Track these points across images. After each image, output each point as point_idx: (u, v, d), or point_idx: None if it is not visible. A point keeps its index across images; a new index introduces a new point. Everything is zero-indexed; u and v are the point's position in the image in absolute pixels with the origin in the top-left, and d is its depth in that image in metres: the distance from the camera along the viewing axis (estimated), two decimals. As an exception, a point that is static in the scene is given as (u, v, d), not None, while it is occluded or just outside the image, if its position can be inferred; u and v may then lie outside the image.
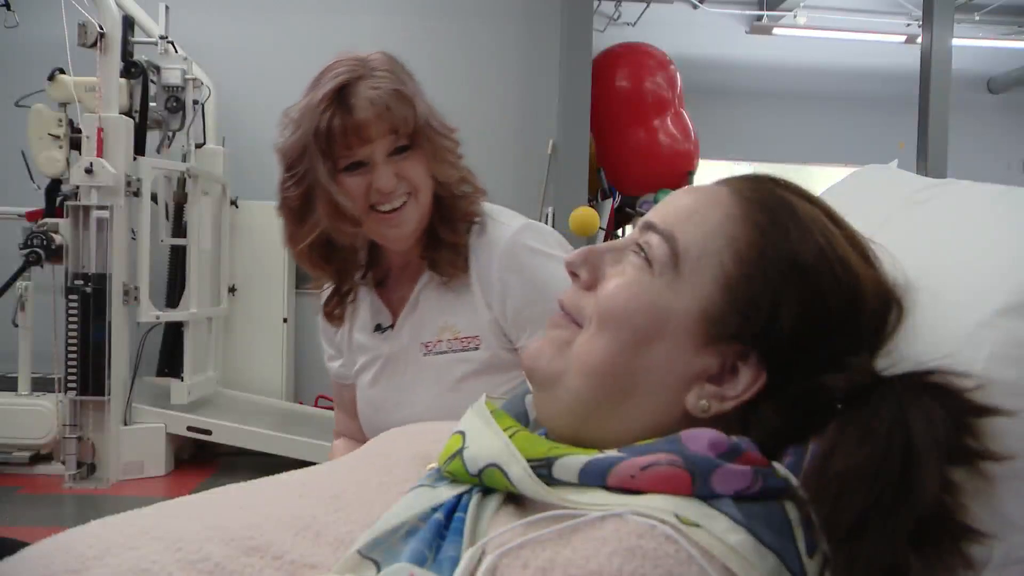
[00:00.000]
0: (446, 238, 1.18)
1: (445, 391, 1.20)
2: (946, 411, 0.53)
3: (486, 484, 0.57)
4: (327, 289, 1.28)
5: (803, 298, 0.58)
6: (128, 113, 3.66)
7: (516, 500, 0.57)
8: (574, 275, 0.65)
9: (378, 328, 1.26)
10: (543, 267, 1.16)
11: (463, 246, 1.19)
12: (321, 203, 1.11)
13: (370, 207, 1.13)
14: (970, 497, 0.53)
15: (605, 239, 4.58)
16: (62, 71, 3.61)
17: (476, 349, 1.19)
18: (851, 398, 0.56)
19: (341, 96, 1.08)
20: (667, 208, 0.64)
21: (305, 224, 1.15)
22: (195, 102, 4.05)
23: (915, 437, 0.52)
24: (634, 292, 0.60)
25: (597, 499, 0.52)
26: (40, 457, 3.60)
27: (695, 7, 5.88)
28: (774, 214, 0.61)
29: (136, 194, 3.58)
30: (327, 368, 1.39)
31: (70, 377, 3.44)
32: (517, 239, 1.17)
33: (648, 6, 5.59)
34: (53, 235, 3.44)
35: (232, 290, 4.38)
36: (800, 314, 0.58)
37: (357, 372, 1.31)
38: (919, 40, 5.08)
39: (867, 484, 0.51)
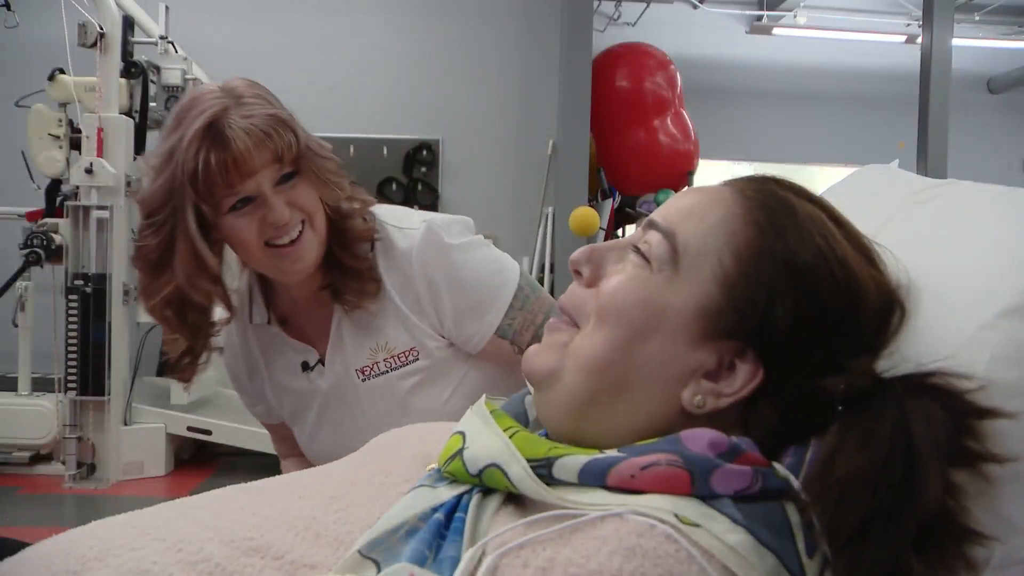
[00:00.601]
0: (348, 263, 1.12)
1: (395, 410, 1.17)
2: (947, 413, 0.53)
3: (486, 484, 0.57)
4: (177, 350, 1.15)
5: (799, 297, 0.58)
6: (128, 113, 3.66)
7: (516, 500, 0.57)
8: (577, 273, 0.65)
9: (305, 367, 1.20)
10: (461, 262, 1.15)
11: (368, 269, 1.14)
12: (180, 255, 1.03)
13: (265, 244, 1.05)
14: (971, 499, 0.53)
15: (605, 239, 4.58)
16: (62, 71, 3.61)
17: (416, 360, 1.17)
18: (851, 400, 0.56)
19: (212, 131, 0.99)
20: (669, 208, 0.64)
21: (161, 277, 1.06)
22: (195, 102, 4.05)
23: (917, 441, 0.52)
24: (632, 288, 0.61)
25: (597, 499, 0.52)
26: (40, 457, 3.59)
27: (695, 7, 5.89)
28: (773, 213, 0.61)
29: (136, 194, 3.57)
30: (252, 413, 1.34)
31: (70, 377, 3.44)
32: (428, 242, 1.14)
33: (648, 6, 5.60)
34: (53, 235, 3.44)
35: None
36: (796, 313, 0.58)
37: (291, 415, 1.26)
38: (919, 40, 5.08)
39: (869, 489, 0.51)
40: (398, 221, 1.18)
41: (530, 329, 1.18)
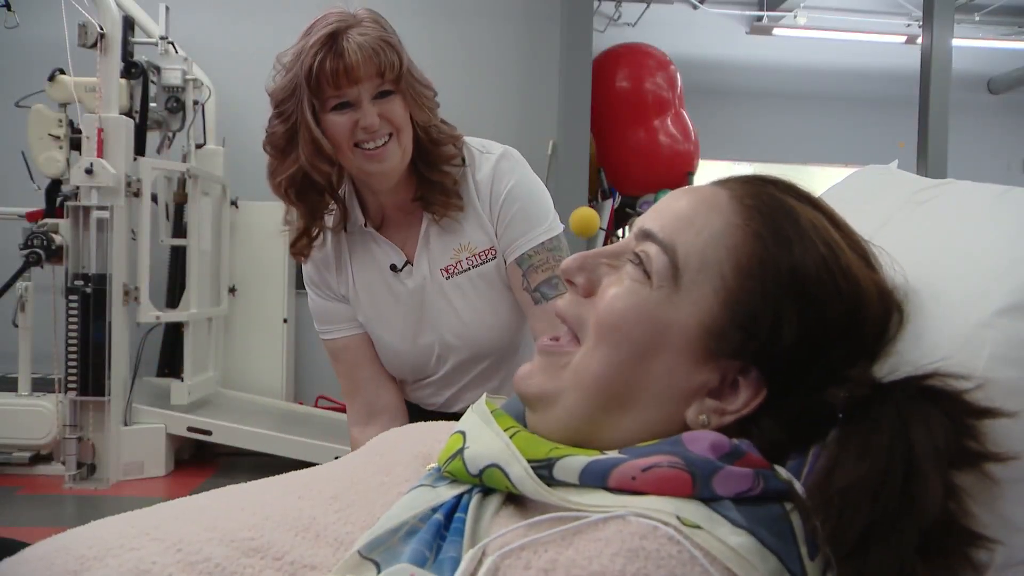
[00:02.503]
0: (434, 178, 1.30)
1: (483, 305, 1.34)
2: (946, 415, 0.53)
3: (486, 484, 0.57)
4: (294, 229, 1.35)
5: (804, 312, 0.57)
6: (128, 113, 3.66)
7: (516, 501, 0.57)
8: (570, 283, 0.64)
9: (393, 268, 1.36)
10: (526, 182, 1.34)
11: (453, 185, 1.31)
12: (303, 141, 1.22)
13: (355, 145, 1.23)
14: (973, 500, 0.53)
15: (605, 239, 4.58)
16: (62, 71, 3.61)
17: (493, 259, 1.34)
18: (851, 407, 0.56)
19: (333, 41, 1.18)
20: (664, 216, 0.62)
21: (286, 160, 1.25)
22: (195, 102, 4.05)
23: (916, 448, 0.52)
24: (632, 304, 0.59)
25: (598, 500, 0.52)
26: (40, 457, 3.60)
27: (695, 7, 5.88)
28: (774, 222, 0.60)
29: (136, 194, 3.58)
30: (325, 333, 1.41)
31: (70, 377, 3.44)
32: (504, 157, 1.34)
33: (648, 6, 5.59)
34: (53, 235, 3.44)
35: (232, 290, 4.38)
36: (800, 329, 0.57)
37: (369, 312, 1.38)
38: (919, 40, 5.08)
39: (870, 498, 0.51)
40: (481, 146, 1.38)
41: (543, 275, 1.32)
